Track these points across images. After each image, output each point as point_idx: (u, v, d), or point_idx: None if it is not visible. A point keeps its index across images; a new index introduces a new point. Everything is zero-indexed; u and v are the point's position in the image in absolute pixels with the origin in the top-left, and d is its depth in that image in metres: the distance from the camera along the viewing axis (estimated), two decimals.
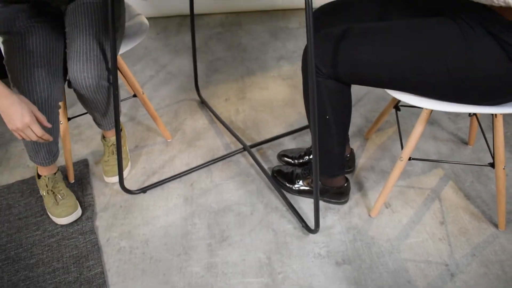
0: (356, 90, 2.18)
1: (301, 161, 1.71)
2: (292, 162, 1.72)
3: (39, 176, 1.59)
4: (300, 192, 1.60)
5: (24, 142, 1.47)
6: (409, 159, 1.42)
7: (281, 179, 1.63)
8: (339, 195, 1.56)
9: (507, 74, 1.12)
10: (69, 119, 1.65)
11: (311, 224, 1.50)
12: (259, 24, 2.90)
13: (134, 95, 1.75)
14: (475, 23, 1.13)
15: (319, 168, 1.43)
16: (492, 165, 1.43)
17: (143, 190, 1.67)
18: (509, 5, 1.04)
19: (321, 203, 1.58)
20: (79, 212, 1.58)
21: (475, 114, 1.67)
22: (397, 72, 1.17)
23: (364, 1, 1.37)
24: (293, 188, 1.61)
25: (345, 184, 1.54)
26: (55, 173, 1.60)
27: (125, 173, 1.74)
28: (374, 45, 1.18)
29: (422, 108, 1.43)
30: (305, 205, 1.59)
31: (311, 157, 1.67)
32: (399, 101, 1.68)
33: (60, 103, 1.53)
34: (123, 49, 1.54)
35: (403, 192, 1.63)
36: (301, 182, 1.59)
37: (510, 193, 1.61)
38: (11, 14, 1.40)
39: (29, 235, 1.53)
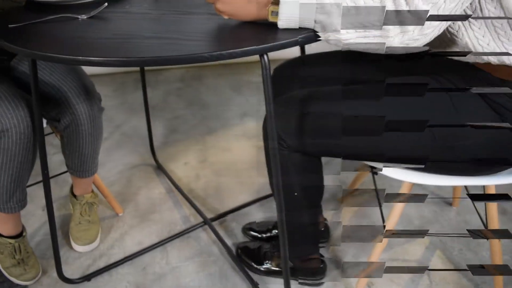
0: None
1: (269, 235, 1.52)
2: (259, 236, 1.53)
3: None
4: (269, 273, 1.40)
5: None
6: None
7: (247, 259, 1.43)
8: (314, 273, 1.36)
9: (500, 139, 0.97)
10: None
11: None
12: (221, 78, 2.81)
13: None
14: (460, 83, 0.98)
15: (289, 251, 1.22)
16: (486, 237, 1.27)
17: (87, 277, 1.45)
18: (504, 63, 0.89)
19: (295, 283, 1.38)
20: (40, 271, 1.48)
21: None
22: (374, 141, 1.00)
23: (332, 58, 1.22)
24: (261, 269, 1.41)
25: (321, 266, 1.35)
26: (21, 233, 1.44)
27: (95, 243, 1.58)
28: (345, 111, 1.01)
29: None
30: (276, 286, 1.38)
31: None
32: None
33: None
34: None
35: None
36: (269, 263, 1.39)
37: (505, 260, 1.45)
38: None
39: None
